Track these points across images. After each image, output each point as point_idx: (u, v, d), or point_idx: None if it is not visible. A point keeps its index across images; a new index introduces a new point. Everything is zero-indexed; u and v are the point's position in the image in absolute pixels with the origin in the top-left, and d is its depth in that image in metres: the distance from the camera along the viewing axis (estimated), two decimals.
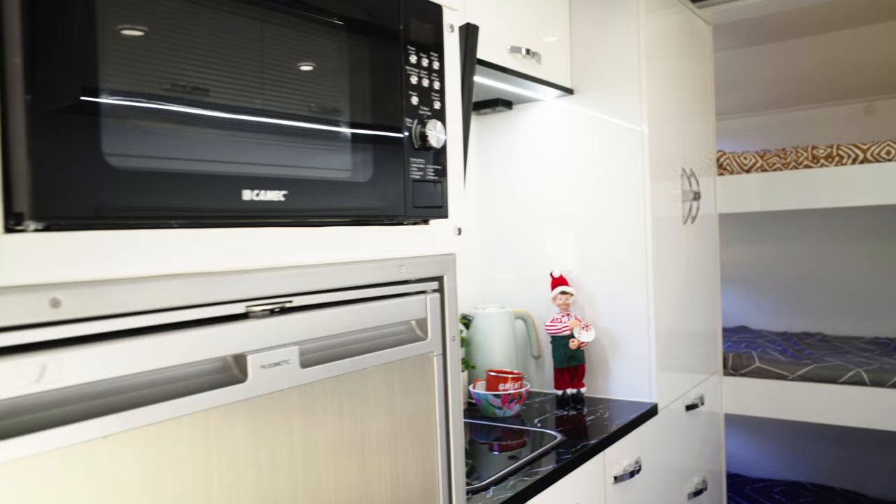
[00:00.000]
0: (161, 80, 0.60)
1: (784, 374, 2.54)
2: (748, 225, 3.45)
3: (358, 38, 0.80)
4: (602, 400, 2.10)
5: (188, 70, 0.62)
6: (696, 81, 2.47)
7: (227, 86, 0.66)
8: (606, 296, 2.12)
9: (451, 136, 0.93)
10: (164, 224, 0.63)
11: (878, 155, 2.37)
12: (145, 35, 0.59)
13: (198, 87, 0.63)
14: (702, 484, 2.37)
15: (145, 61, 0.59)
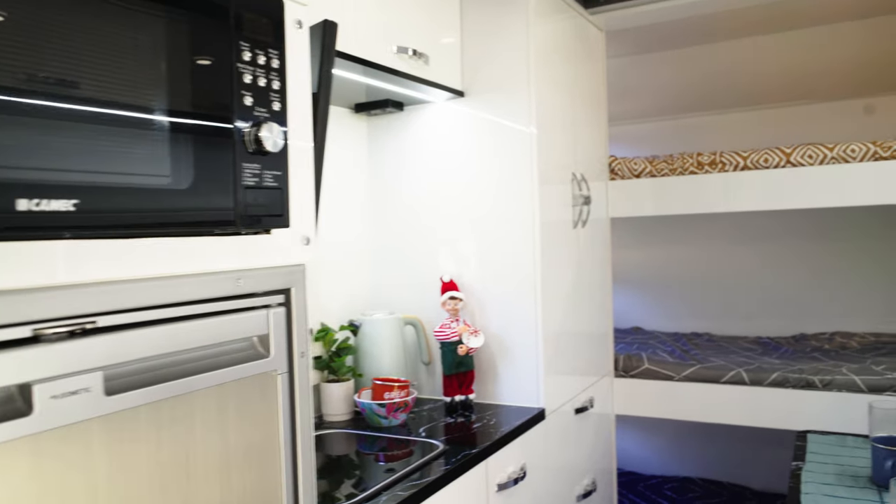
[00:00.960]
0: None
1: (671, 374, 2.61)
2: (642, 229, 3.54)
3: (180, 29, 0.72)
4: (491, 406, 2.08)
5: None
6: (588, 87, 2.50)
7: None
8: (496, 300, 2.10)
9: (296, 139, 0.87)
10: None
11: (758, 162, 2.46)
12: None
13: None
14: (591, 485, 2.40)
15: None
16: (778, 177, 2.43)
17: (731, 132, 3.29)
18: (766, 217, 3.25)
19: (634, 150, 3.52)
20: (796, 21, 2.95)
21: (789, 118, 3.18)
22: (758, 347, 2.98)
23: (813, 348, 2.90)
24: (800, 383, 2.42)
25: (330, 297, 2.13)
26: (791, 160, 2.41)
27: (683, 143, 3.37)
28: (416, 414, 2.02)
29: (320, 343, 2.02)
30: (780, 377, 2.45)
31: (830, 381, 2.38)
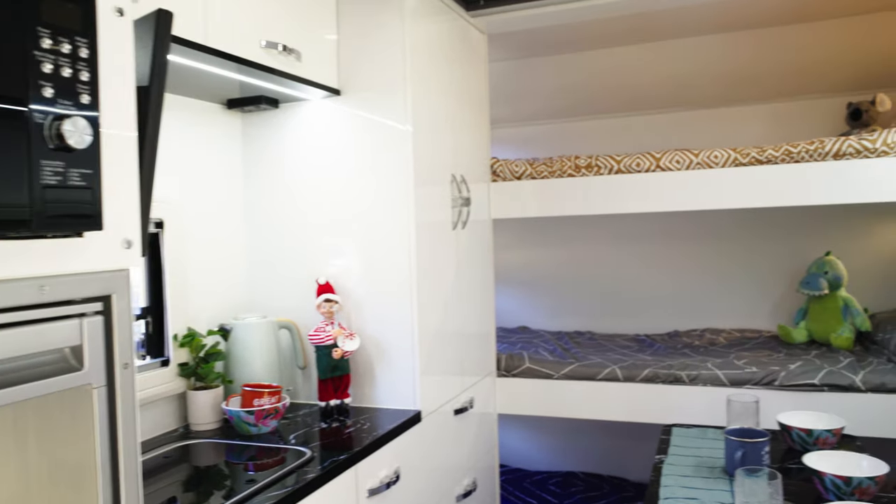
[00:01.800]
0: None
1: (550, 373, 2.66)
2: (528, 230, 3.60)
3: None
4: (368, 409, 2.05)
5: None
6: (470, 89, 2.51)
7: None
8: (373, 302, 2.07)
9: (113, 134, 0.81)
10: None
11: (630, 166, 2.55)
12: None
13: None
14: (472, 485, 2.41)
15: None
16: (649, 181, 2.53)
17: (612, 136, 3.40)
18: (644, 219, 3.39)
19: (519, 153, 3.58)
20: (667, 32, 3.08)
21: (662, 124, 3.33)
22: (634, 345, 3.10)
23: (684, 345, 3.03)
24: (669, 378, 2.52)
25: (201, 300, 2.04)
26: (661, 165, 2.51)
27: (567, 146, 3.46)
28: (289, 420, 1.96)
29: (187, 349, 1.93)
30: (651, 373, 2.55)
31: (696, 375, 2.50)
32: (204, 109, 2.08)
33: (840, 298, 2.84)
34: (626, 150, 3.21)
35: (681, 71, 3.19)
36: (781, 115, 3.14)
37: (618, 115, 3.41)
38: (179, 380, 1.91)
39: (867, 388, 2.31)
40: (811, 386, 2.36)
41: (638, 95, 3.32)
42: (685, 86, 3.23)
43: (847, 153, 2.30)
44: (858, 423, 2.30)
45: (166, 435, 1.86)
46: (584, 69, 3.31)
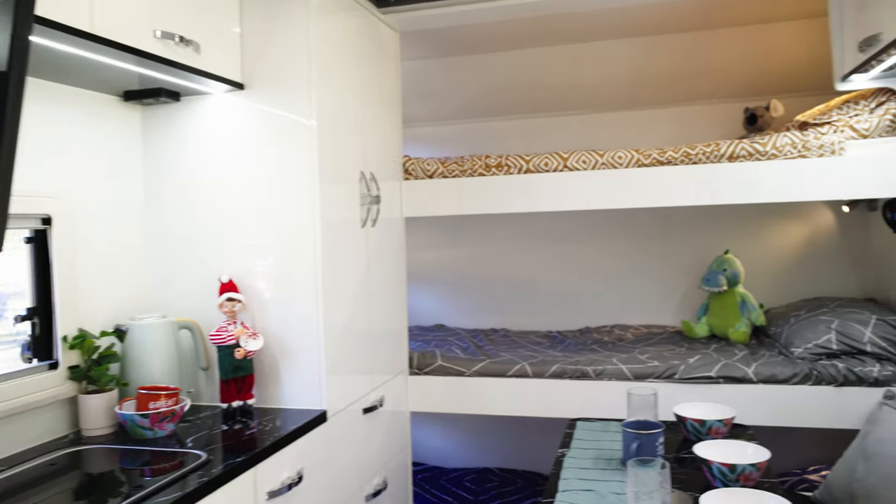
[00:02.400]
0: None
1: (462, 370, 2.68)
2: (445, 228, 3.62)
3: None
4: (272, 410, 2.01)
5: None
6: (381, 87, 2.50)
7: None
8: (277, 301, 2.04)
9: None
10: None
11: (539, 166, 2.59)
12: None
13: None
14: (382, 484, 2.40)
15: None
16: (557, 180, 2.58)
17: (525, 137, 3.45)
18: (557, 218, 3.45)
19: (435, 152, 3.59)
20: (579, 36, 3.15)
21: (574, 126, 3.40)
22: (546, 341, 3.16)
23: (594, 341, 3.11)
24: (576, 374, 2.58)
25: (95, 300, 1.95)
26: (568, 165, 2.57)
27: (482, 146, 3.49)
28: (190, 423, 1.90)
29: (77, 351, 1.85)
30: (559, 369, 2.60)
31: (602, 370, 2.57)
32: (99, 101, 2.00)
33: (737, 295, 2.97)
34: (539, 150, 3.27)
35: (591, 74, 3.28)
36: (686, 119, 3.27)
37: (532, 116, 3.46)
38: (70, 383, 1.83)
39: (759, 379, 2.43)
40: (708, 378, 2.47)
41: (551, 97, 3.38)
42: (596, 88, 3.31)
43: (740, 155, 2.41)
44: (751, 412, 2.41)
45: (54, 442, 1.77)
46: (500, 70, 3.36)
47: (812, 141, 2.36)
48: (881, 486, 1.86)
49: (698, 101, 3.26)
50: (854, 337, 2.45)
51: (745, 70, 3.12)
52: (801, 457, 3.01)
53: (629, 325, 3.35)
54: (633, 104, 3.33)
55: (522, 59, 3.30)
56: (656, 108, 3.31)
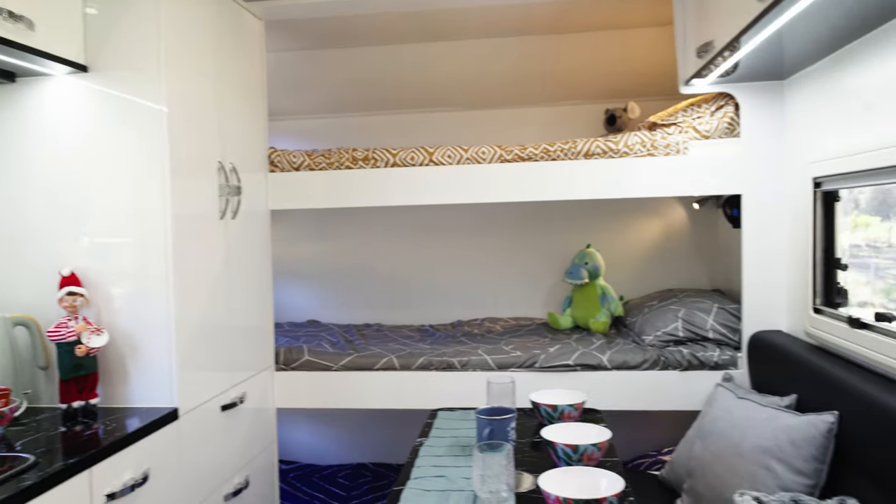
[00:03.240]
0: None
1: (329, 365, 2.66)
2: (317, 223, 3.57)
3: None
4: (119, 410, 1.92)
5: None
6: (244, 76, 2.44)
7: None
8: (125, 295, 1.94)
9: None
10: None
11: (405, 160, 2.62)
12: None
13: None
14: (244, 483, 2.34)
15: None
16: (424, 174, 2.61)
17: (396, 132, 3.45)
18: (429, 213, 3.49)
19: (303, 146, 3.54)
20: (450, 33, 3.19)
21: (443, 122, 3.45)
22: (418, 335, 3.18)
23: (464, 333, 3.17)
24: (442, 365, 2.62)
25: None
26: (434, 159, 2.60)
27: (351, 141, 3.46)
28: (24, 426, 1.78)
29: None
30: (425, 361, 2.63)
31: (467, 361, 2.62)
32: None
33: (598, 287, 3.12)
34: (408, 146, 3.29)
35: (460, 72, 3.33)
36: (551, 119, 3.39)
37: (402, 112, 3.48)
38: None
39: (613, 366, 2.56)
40: (566, 366, 2.57)
41: (421, 94, 3.41)
42: (464, 86, 3.37)
43: (595, 153, 2.53)
44: (606, 397, 2.53)
45: None
46: (370, 65, 3.35)
47: (659, 140, 2.51)
48: (713, 461, 2.00)
49: (563, 102, 3.39)
50: (698, 325, 2.62)
51: (605, 73, 3.27)
52: (657, 439, 3.19)
53: (499, 317, 3.44)
54: (502, 103, 3.42)
55: (393, 55, 3.31)
56: (523, 108, 3.41)
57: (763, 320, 2.48)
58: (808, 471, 1.76)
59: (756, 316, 2.49)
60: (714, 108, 2.55)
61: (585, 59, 3.26)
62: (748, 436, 1.92)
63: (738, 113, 2.49)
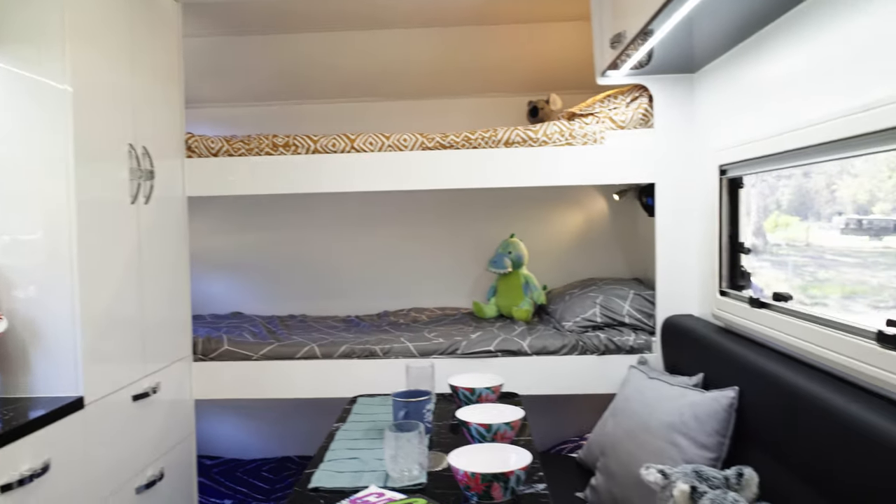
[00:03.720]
0: None
1: (250, 354, 2.62)
2: (240, 212, 3.51)
3: None
4: (20, 399, 1.84)
5: None
6: (159, 59, 2.37)
7: None
8: (26, 281, 1.87)
9: None
10: None
11: (327, 146, 2.60)
12: None
13: None
14: (158, 475, 2.28)
15: None
16: (346, 161, 2.59)
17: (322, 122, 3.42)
18: (354, 202, 3.47)
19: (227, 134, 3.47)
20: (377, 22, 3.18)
21: (371, 113, 3.44)
22: (343, 325, 3.17)
23: (389, 323, 3.17)
24: (364, 353, 2.62)
25: None
26: (356, 146, 2.59)
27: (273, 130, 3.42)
28: None
29: None
30: (347, 349, 2.62)
31: (389, 349, 2.62)
32: None
33: (522, 276, 3.17)
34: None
35: (387, 61, 3.32)
36: (476, 110, 3.42)
37: (327, 102, 3.45)
38: None
39: (532, 351, 2.60)
40: (488, 352, 2.60)
41: (346, 82, 3.39)
42: (390, 76, 3.36)
43: (515, 141, 2.57)
44: (527, 382, 2.57)
45: None
46: (295, 52, 3.30)
47: (577, 130, 2.56)
48: (624, 438, 2.06)
49: (487, 94, 3.42)
50: (615, 310, 2.70)
51: (529, 65, 3.32)
52: (580, 425, 3.26)
53: (425, 308, 3.45)
54: (426, 94, 3.43)
55: (317, 43, 3.27)
56: (448, 99, 3.43)
57: (675, 305, 2.57)
58: (711, 444, 1.84)
59: (669, 301, 2.58)
60: (629, 99, 2.62)
61: (509, 51, 3.30)
62: (657, 413, 1.99)
63: (651, 104, 2.57)
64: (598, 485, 2.14)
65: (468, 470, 1.41)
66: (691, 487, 1.54)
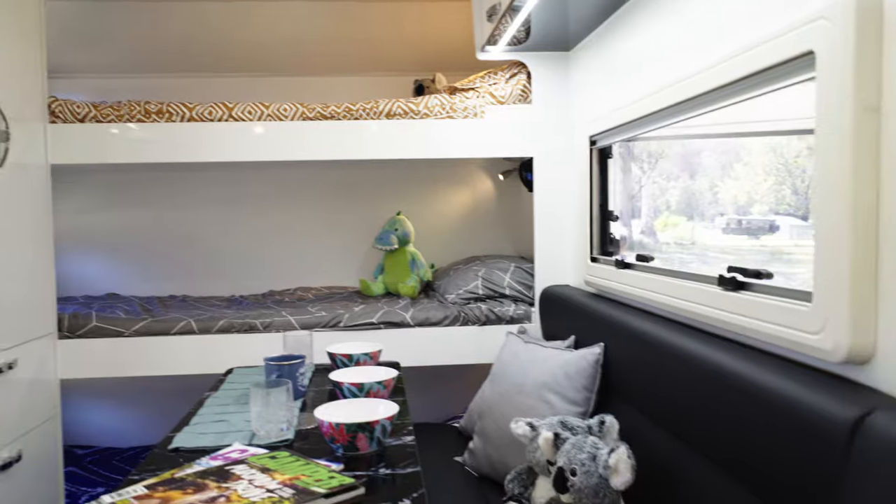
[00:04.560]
0: None
1: (121, 330, 2.50)
2: (115, 190, 3.34)
3: None
4: None
5: None
6: (12, 16, 2.22)
7: None
8: None
9: None
10: None
11: (203, 114, 2.51)
12: None
13: None
14: (15, 456, 2.14)
15: None
16: (224, 130, 2.52)
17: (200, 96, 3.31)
18: (238, 179, 3.38)
19: None
20: None
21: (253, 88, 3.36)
22: (225, 304, 3.08)
23: (274, 301, 3.11)
24: (244, 328, 2.56)
25: None
26: (234, 115, 2.53)
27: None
28: None
29: None
30: (226, 324, 2.55)
31: (270, 323, 2.57)
32: None
33: (408, 253, 3.18)
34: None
35: (269, 35, 3.25)
36: (361, 88, 3.38)
37: (207, 75, 3.35)
38: None
39: (415, 322, 2.62)
40: (370, 324, 2.60)
41: (227, 57, 3.29)
42: (273, 50, 3.30)
43: (397, 113, 2.58)
44: (410, 353, 2.59)
45: None
46: (174, 22, 3.18)
47: (458, 104, 2.60)
48: (499, 400, 2.11)
49: (372, 72, 3.42)
50: (496, 282, 2.76)
51: (414, 44, 3.34)
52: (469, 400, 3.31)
53: (312, 287, 3.41)
54: (311, 71, 3.39)
55: (200, 13, 3.16)
56: (332, 77, 3.41)
57: (553, 276, 2.66)
58: (580, 400, 1.91)
59: (547, 272, 2.66)
60: (509, 75, 2.68)
61: (395, 29, 3.30)
62: (531, 374, 2.05)
63: (530, 81, 2.64)
64: (474, 447, 2.18)
65: (332, 421, 1.41)
66: (554, 434, 1.60)
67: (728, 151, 2.08)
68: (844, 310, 1.07)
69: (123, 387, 3.26)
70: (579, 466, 1.50)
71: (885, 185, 1.04)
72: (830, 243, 1.09)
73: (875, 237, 1.05)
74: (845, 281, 1.07)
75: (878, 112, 1.04)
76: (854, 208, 1.05)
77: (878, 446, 0.89)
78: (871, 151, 1.04)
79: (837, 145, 1.07)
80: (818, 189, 1.12)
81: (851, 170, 1.05)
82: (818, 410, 1.03)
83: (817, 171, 1.12)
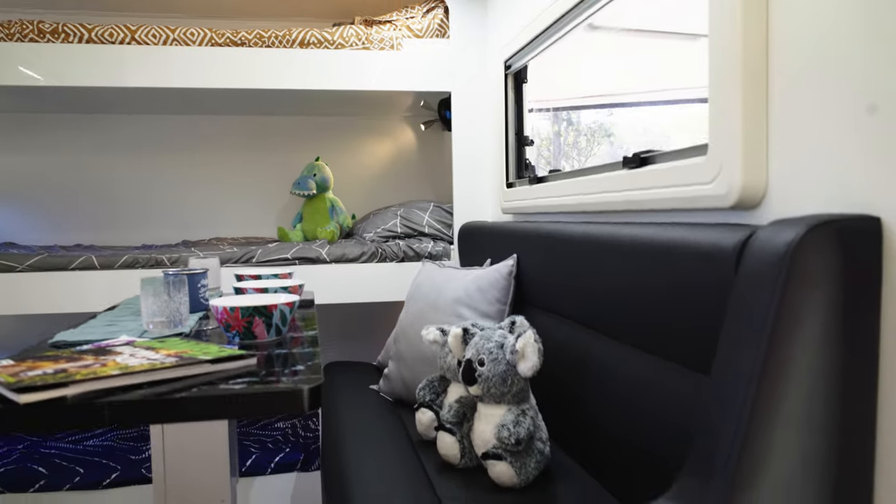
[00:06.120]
0: None
1: (13, 265, 2.35)
2: (14, 128, 3.14)
3: None
4: None
5: None
6: None
7: None
8: None
9: None
10: None
11: (102, 36, 2.38)
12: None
13: None
14: None
15: None
16: (123, 53, 2.39)
17: None
18: (147, 124, 3.24)
19: None
20: None
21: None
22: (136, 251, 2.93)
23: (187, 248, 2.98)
24: (150, 262, 2.44)
25: None
26: (136, 38, 2.40)
27: None
28: None
29: None
30: (130, 259, 2.43)
31: (178, 258, 2.46)
32: None
33: (327, 199, 3.11)
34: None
35: None
36: None
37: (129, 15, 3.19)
38: None
39: (331, 259, 2.56)
40: (285, 260, 2.52)
41: None
42: None
43: (311, 42, 2.51)
44: (328, 291, 2.52)
45: None
46: None
47: (374, 35, 2.55)
48: (414, 321, 2.07)
49: (290, 18, 3.32)
50: (415, 221, 2.72)
51: None
52: None
53: (228, 236, 3.30)
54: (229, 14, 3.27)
55: None
56: (257, 21, 3.30)
57: (471, 213, 2.64)
58: (493, 312, 1.89)
59: (465, 209, 2.64)
60: (426, 9, 2.65)
61: None
62: (444, 292, 2.02)
63: (447, 16, 2.61)
64: (389, 372, 2.14)
65: (227, 306, 1.34)
66: (463, 329, 1.57)
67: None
68: (738, 154, 1.08)
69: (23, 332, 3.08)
70: (487, 355, 1.47)
71: (773, 31, 1.05)
72: (723, 91, 1.10)
73: (765, 83, 1.06)
74: (737, 127, 1.08)
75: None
76: (744, 56, 1.06)
77: (759, 255, 0.89)
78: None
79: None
80: (711, 41, 1.12)
81: (742, 19, 1.06)
82: (710, 244, 1.03)
83: (710, 26, 1.12)
